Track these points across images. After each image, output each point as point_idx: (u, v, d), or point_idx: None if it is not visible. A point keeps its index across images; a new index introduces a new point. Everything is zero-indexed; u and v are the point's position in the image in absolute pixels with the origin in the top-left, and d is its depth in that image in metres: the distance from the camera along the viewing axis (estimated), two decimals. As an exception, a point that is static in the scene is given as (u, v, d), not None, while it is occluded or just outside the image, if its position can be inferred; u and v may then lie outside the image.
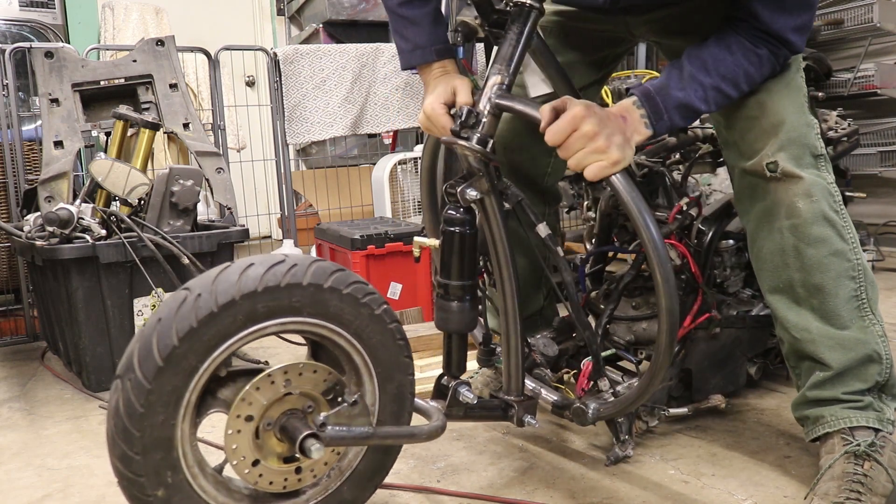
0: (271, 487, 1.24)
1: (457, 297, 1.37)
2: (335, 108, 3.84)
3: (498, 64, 1.35)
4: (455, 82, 1.43)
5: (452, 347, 1.42)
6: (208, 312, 1.11)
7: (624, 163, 1.26)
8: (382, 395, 1.31)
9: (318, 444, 1.18)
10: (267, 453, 1.22)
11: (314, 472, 1.28)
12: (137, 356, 1.11)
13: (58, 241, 2.23)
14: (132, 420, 1.10)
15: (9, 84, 3.00)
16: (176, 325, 1.10)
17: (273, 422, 1.21)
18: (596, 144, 1.23)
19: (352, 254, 2.92)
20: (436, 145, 1.67)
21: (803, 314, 1.46)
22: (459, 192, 1.34)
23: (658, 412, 1.69)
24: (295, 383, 1.22)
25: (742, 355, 1.88)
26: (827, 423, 1.46)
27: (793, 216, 1.42)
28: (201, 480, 1.20)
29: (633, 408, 1.43)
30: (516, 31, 1.36)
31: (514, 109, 1.33)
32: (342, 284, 1.22)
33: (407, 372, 1.33)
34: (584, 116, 1.24)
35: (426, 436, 1.34)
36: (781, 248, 1.45)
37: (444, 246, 1.37)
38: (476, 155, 1.32)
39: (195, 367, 1.13)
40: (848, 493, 1.33)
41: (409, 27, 1.49)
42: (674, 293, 1.25)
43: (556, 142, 1.25)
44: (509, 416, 1.46)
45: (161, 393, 1.11)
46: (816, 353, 1.45)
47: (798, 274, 1.44)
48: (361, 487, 1.35)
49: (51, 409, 2.23)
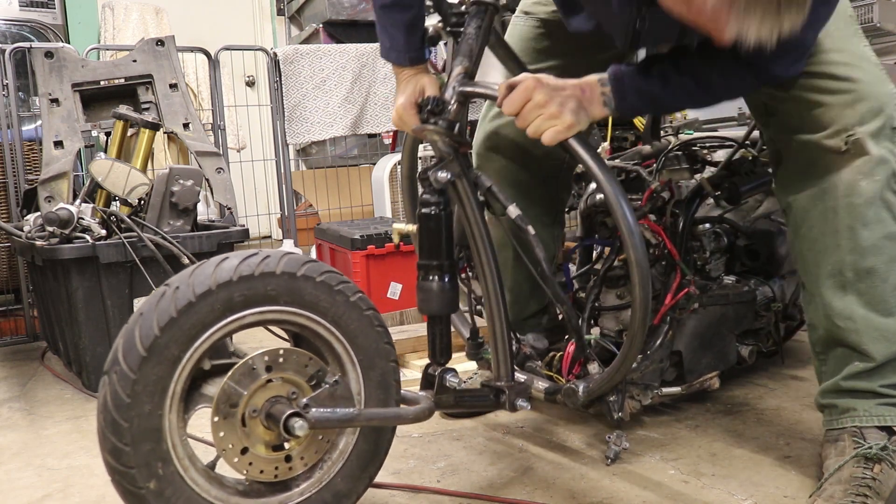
0: (262, 476, 1.25)
1: (436, 276, 1.40)
2: (335, 108, 3.84)
3: (460, 56, 1.44)
4: (423, 80, 1.55)
5: (436, 332, 1.43)
6: (186, 302, 1.16)
7: (579, 127, 1.34)
8: (367, 383, 1.34)
9: (301, 422, 1.20)
10: (255, 441, 1.24)
11: (304, 460, 1.29)
12: (122, 349, 1.15)
13: (58, 241, 2.23)
14: (120, 411, 1.13)
15: (9, 84, 3.00)
16: (157, 317, 1.15)
17: (258, 409, 1.23)
18: (549, 110, 1.32)
19: (352, 254, 2.92)
20: (414, 143, 1.75)
21: (848, 300, 1.42)
22: (431, 175, 1.38)
23: (651, 391, 1.72)
24: (277, 370, 1.25)
25: (730, 332, 1.90)
26: (859, 416, 1.44)
27: (852, 194, 1.37)
28: (193, 473, 1.21)
29: (620, 377, 1.48)
30: (475, 26, 1.46)
31: (476, 92, 1.42)
32: (315, 273, 1.27)
33: (389, 358, 1.36)
34: (535, 87, 1.32)
35: (413, 417, 1.36)
36: (835, 229, 1.40)
37: (420, 228, 1.41)
38: (444, 139, 1.37)
39: (178, 357, 1.17)
40: (854, 496, 1.32)
41: (389, 28, 1.58)
42: (640, 245, 1.32)
43: (511, 111, 1.35)
44: (501, 402, 1.47)
45: (146, 383, 1.14)
46: (859, 343, 1.42)
47: (850, 256, 1.40)
48: (355, 478, 1.36)
49: (51, 409, 2.23)
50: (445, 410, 1.46)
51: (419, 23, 1.57)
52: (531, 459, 1.69)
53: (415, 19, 1.56)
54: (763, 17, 1.00)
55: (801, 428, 1.78)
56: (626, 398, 1.66)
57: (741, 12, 1.01)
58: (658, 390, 1.74)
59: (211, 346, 1.21)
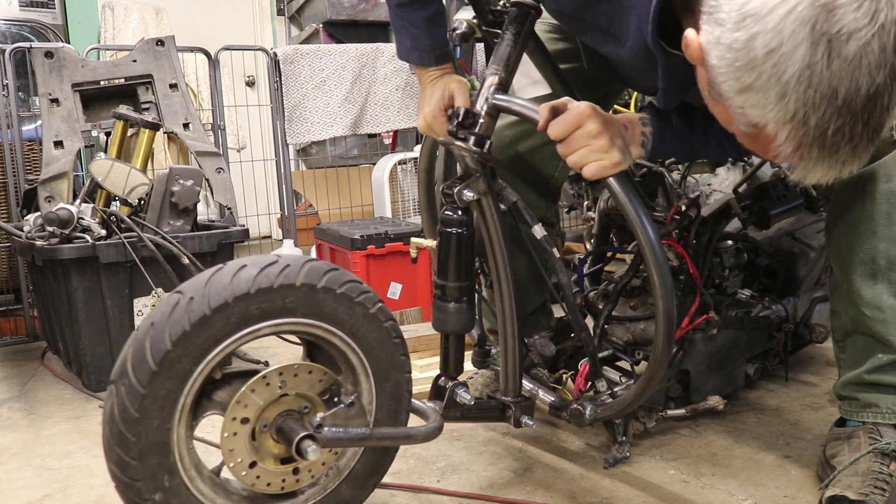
0: (269, 489, 1.23)
1: (454, 297, 1.37)
2: (335, 108, 3.84)
3: (495, 65, 1.35)
4: (452, 85, 1.44)
5: (450, 348, 1.42)
6: (201, 316, 1.11)
7: (623, 165, 1.25)
8: (379, 394, 1.31)
9: (314, 446, 1.17)
10: (264, 455, 1.21)
11: (312, 473, 1.27)
12: (131, 361, 1.10)
13: (58, 241, 2.23)
14: (127, 425, 1.10)
15: (9, 84, 3.00)
16: (169, 330, 1.10)
17: (269, 423, 1.20)
18: (599, 143, 1.22)
19: (352, 254, 2.92)
20: (433, 146, 1.67)
21: (879, 289, 1.40)
22: (456, 192, 1.34)
23: (655, 413, 1.69)
24: (291, 384, 1.21)
25: (740, 356, 1.87)
26: (881, 412, 1.43)
27: (892, 180, 1.36)
28: (199, 483, 1.19)
29: (630, 409, 1.43)
30: (513, 31, 1.36)
31: (511, 109, 1.33)
32: (336, 284, 1.21)
33: (403, 370, 1.33)
34: (589, 115, 1.23)
35: (423, 437, 1.34)
36: (872, 215, 1.39)
37: (441, 247, 1.37)
38: (473, 155, 1.32)
39: (189, 371, 1.12)
40: (872, 489, 1.31)
41: (408, 28, 1.48)
42: (671, 296, 1.25)
43: (559, 136, 1.24)
44: (506, 416, 1.47)
45: (155, 398, 1.10)
46: (885, 333, 1.40)
47: (884, 243, 1.38)
48: (360, 486, 1.35)
49: (51, 409, 2.23)
50: (451, 422, 1.43)
51: (441, 18, 1.47)
52: (531, 459, 1.69)
53: (436, 15, 1.46)
54: (827, 170, 0.97)
55: (801, 428, 1.78)
56: (630, 420, 1.65)
57: (805, 168, 0.97)
58: (663, 413, 1.70)
59: (224, 358, 1.17)
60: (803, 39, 0.87)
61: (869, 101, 0.89)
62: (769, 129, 0.94)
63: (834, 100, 0.89)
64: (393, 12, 1.48)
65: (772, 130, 0.94)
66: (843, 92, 0.88)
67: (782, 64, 0.88)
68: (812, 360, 2.23)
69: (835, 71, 0.87)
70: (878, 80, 0.88)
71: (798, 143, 0.93)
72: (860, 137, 0.93)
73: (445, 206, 1.36)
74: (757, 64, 0.90)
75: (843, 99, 0.89)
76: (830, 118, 0.90)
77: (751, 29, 0.89)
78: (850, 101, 0.89)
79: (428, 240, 1.44)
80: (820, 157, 0.94)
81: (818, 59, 0.87)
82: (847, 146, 0.93)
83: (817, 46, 0.86)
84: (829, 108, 0.89)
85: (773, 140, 0.95)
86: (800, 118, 0.91)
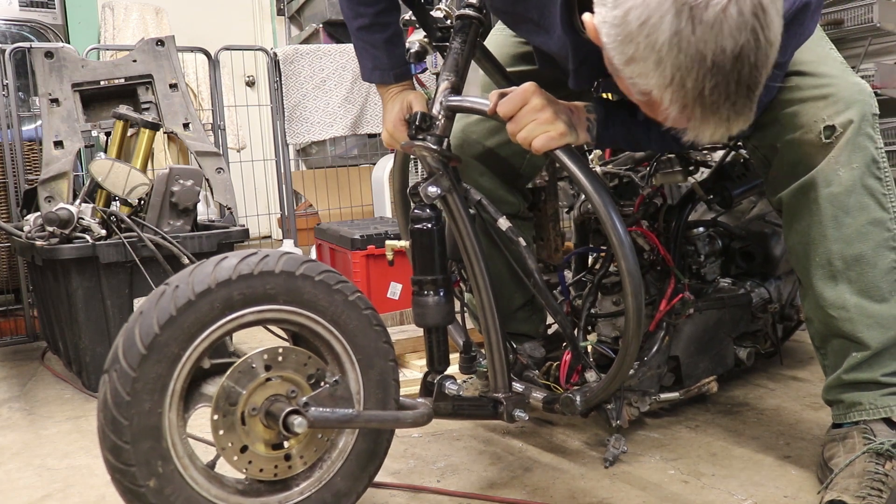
0: (262, 475, 1.26)
1: (431, 291, 1.41)
2: (335, 108, 3.84)
3: (446, 72, 1.45)
4: (410, 97, 1.56)
5: (433, 342, 1.45)
6: (186, 301, 1.16)
7: (569, 138, 1.33)
8: (366, 382, 1.34)
9: (300, 419, 1.20)
10: (254, 439, 1.24)
11: (304, 459, 1.29)
12: (122, 347, 1.15)
13: (58, 241, 2.23)
14: (119, 409, 1.14)
15: (9, 84, 3.00)
16: (157, 315, 1.15)
17: (258, 407, 1.23)
18: (544, 115, 1.31)
19: (352, 254, 2.92)
20: (405, 159, 1.75)
21: (840, 289, 1.43)
22: (421, 190, 1.38)
23: (649, 398, 1.72)
24: (276, 368, 1.25)
25: (726, 336, 1.90)
26: (865, 410, 1.44)
27: (831, 184, 1.39)
28: (192, 472, 1.22)
29: (616, 385, 1.47)
30: (460, 40, 1.46)
31: (464, 107, 1.42)
32: (313, 272, 1.27)
33: (388, 358, 1.36)
34: (533, 91, 1.32)
35: (411, 421, 1.37)
36: (819, 220, 1.42)
37: (413, 244, 1.42)
38: (433, 154, 1.38)
39: (178, 355, 1.17)
40: (869, 490, 1.32)
41: (369, 49, 1.58)
42: (631, 255, 1.32)
43: (507, 113, 1.33)
44: (499, 412, 1.48)
45: (146, 380, 1.15)
46: (854, 331, 1.42)
47: (836, 245, 1.41)
48: (355, 477, 1.36)
49: (51, 409, 2.23)
50: (443, 418, 1.46)
51: (399, 39, 1.58)
52: (531, 460, 1.69)
53: (394, 36, 1.58)
54: (715, 128, 1.04)
55: (801, 428, 1.78)
56: (624, 405, 1.66)
57: (695, 128, 1.05)
58: (656, 396, 1.74)
59: (210, 345, 1.21)
60: (668, 10, 0.95)
61: (737, 61, 0.97)
62: (655, 95, 1.02)
63: (703, 62, 0.97)
64: (354, 36, 1.59)
65: (657, 96, 1.02)
66: (710, 54, 0.96)
67: (653, 34, 0.97)
68: (811, 359, 2.23)
69: (699, 36, 0.95)
70: (740, 40, 0.96)
71: (681, 104, 1.01)
72: (736, 95, 1.00)
73: (414, 206, 1.42)
74: (633, 36, 0.99)
75: (712, 60, 0.96)
76: (704, 78, 0.98)
77: (625, 5, 0.99)
78: (718, 62, 0.97)
79: (402, 241, 1.49)
80: (704, 117, 1.02)
81: (683, 25, 0.95)
82: (726, 103, 1.00)
83: (681, 15, 0.95)
84: (701, 69, 0.97)
85: (660, 104, 1.03)
86: (677, 81, 0.99)
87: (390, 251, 1.53)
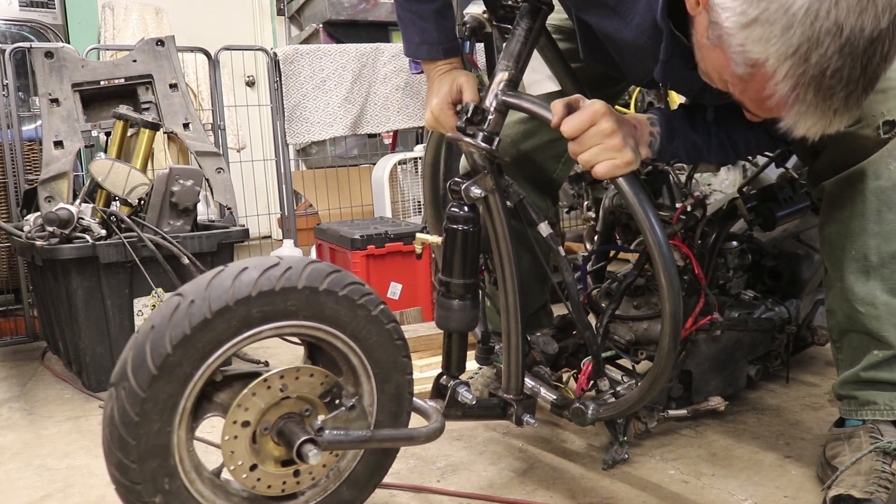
0: (269, 491, 1.23)
1: (458, 295, 1.36)
2: (335, 108, 3.84)
3: (505, 60, 1.34)
4: (461, 79, 1.41)
5: (452, 347, 1.41)
6: (202, 319, 1.10)
7: (634, 165, 1.25)
8: (381, 396, 1.31)
9: (315, 450, 1.16)
10: (265, 458, 1.21)
11: (312, 475, 1.27)
12: (131, 364, 1.09)
13: (58, 241, 2.23)
14: (127, 429, 1.09)
15: (9, 84, 3.00)
16: (169, 333, 1.09)
17: (270, 426, 1.20)
18: (612, 142, 1.22)
19: (352, 254, 2.92)
20: (439, 141, 1.65)
21: (871, 285, 1.40)
22: (464, 189, 1.32)
23: (657, 413, 1.69)
24: (292, 387, 1.20)
25: (742, 358, 1.86)
26: (879, 410, 1.43)
27: (880, 178, 1.36)
28: (199, 486, 1.19)
29: (633, 410, 1.43)
30: (525, 27, 1.35)
31: (522, 107, 1.31)
32: (338, 286, 1.20)
33: (405, 372, 1.32)
34: (603, 113, 1.22)
35: (424, 438, 1.33)
36: (862, 212, 1.39)
37: (446, 243, 1.35)
38: (481, 152, 1.32)
39: (190, 374, 1.11)
40: (877, 487, 1.31)
41: (417, 21, 1.46)
42: (678, 298, 1.24)
43: (572, 134, 1.23)
44: (508, 415, 1.47)
45: (156, 401, 1.10)
46: (879, 329, 1.40)
47: (874, 240, 1.39)
48: (360, 487, 1.35)
49: (51, 409, 2.23)
50: (452, 420, 1.43)
51: (449, 11, 1.46)
52: (531, 459, 1.69)
53: (444, 7, 1.45)
54: (816, 121, 0.99)
55: (801, 428, 1.78)
56: (632, 420, 1.64)
57: (797, 115, 0.99)
58: (664, 413, 1.69)
59: (224, 361, 1.16)
60: None
61: (871, 45, 0.91)
62: (769, 66, 0.95)
63: (838, 36, 0.90)
64: (400, 6, 1.46)
65: (771, 67, 0.95)
66: (848, 30, 0.89)
67: None
68: (812, 360, 2.23)
69: (843, 7, 0.88)
70: (882, 24, 0.90)
71: (796, 81, 0.94)
72: (856, 84, 0.94)
73: (452, 203, 1.35)
74: None
75: (847, 38, 0.90)
76: (832, 56, 0.91)
77: None
78: (853, 41, 0.90)
79: (433, 236, 1.43)
80: (814, 102, 0.96)
81: None
82: (842, 92, 0.94)
83: None
84: (833, 45, 0.90)
85: (770, 78, 0.96)
86: (802, 53, 0.91)
87: (420, 245, 1.46)
